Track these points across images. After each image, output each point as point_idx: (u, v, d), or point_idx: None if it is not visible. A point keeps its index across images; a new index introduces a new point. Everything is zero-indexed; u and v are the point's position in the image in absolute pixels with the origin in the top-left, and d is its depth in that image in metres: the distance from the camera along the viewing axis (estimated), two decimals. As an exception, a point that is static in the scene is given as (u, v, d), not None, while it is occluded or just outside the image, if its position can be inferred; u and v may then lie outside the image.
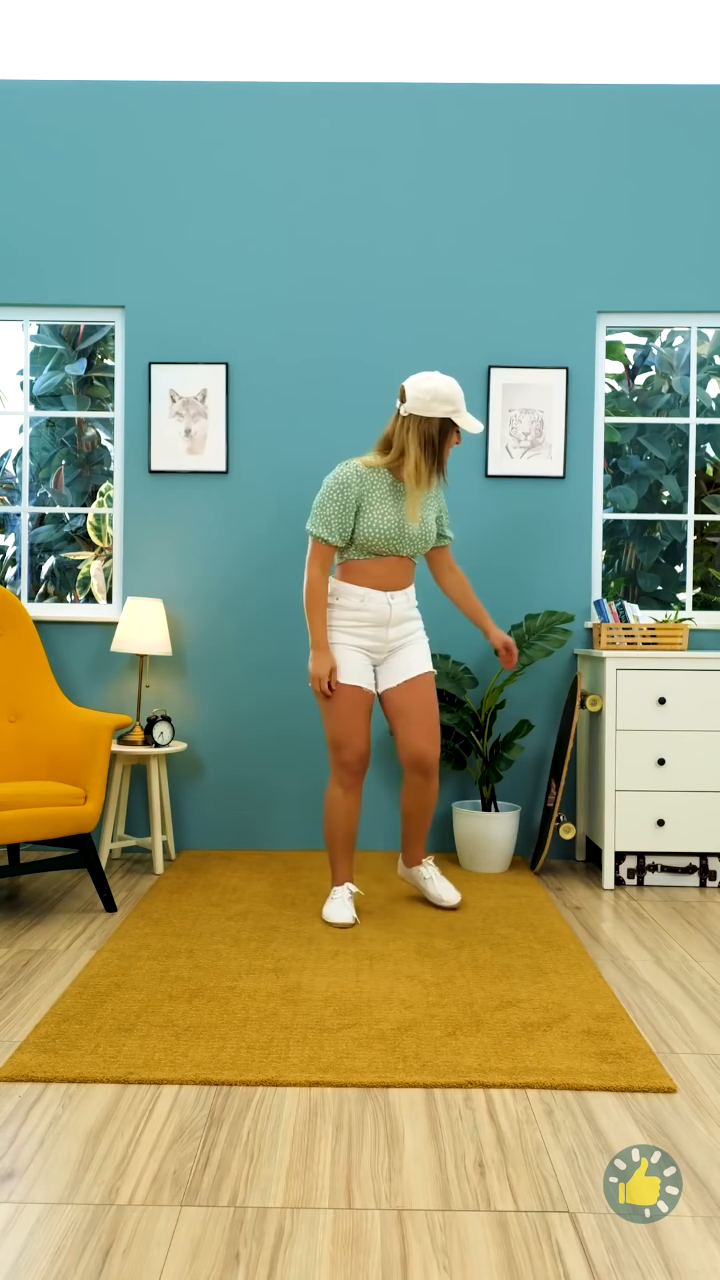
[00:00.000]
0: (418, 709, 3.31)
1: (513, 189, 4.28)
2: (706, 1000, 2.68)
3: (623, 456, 9.73)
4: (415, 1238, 1.63)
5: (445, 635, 4.31)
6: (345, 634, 3.27)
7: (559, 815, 3.91)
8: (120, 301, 4.30)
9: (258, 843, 4.32)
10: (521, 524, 4.29)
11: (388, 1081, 2.15)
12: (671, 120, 4.26)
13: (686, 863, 3.85)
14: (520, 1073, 2.19)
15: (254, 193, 4.29)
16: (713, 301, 4.28)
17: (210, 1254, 1.58)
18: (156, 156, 4.29)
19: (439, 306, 4.28)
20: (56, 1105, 2.05)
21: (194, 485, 4.31)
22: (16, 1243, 1.60)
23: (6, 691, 3.74)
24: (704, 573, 9.50)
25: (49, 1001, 2.59)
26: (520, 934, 3.18)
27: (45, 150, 4.28)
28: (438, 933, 3.18)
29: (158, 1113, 2.02)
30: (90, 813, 3.34)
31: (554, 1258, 1.58)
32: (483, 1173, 1.82)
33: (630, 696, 3.80)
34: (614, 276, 4.29)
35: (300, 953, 2.97)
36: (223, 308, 4.29)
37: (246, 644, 4.30)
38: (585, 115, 4.27)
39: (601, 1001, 2.62)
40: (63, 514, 10.36)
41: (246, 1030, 2.40)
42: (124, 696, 4.31)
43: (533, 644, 3.97)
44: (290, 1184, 1.78)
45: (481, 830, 3.92)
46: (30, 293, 4.30)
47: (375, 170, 4.28)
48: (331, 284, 4.29)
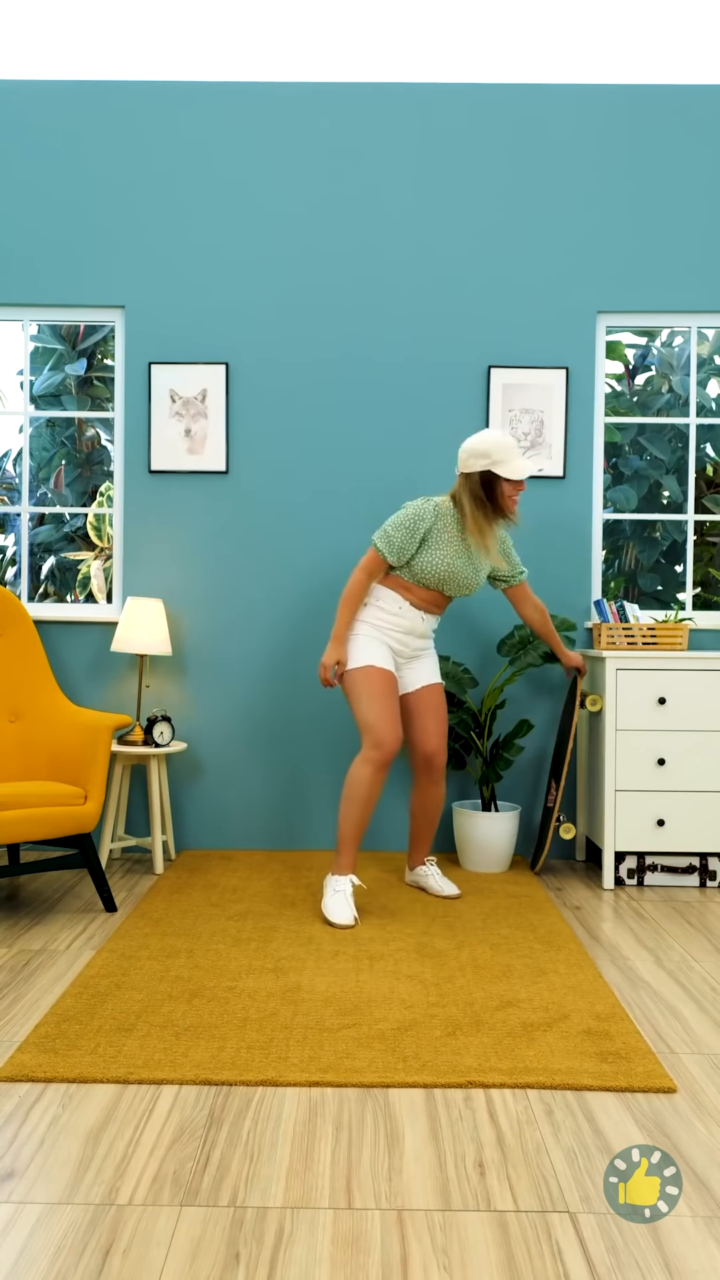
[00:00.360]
0: (434, 711, 3.53)
1: (513, 189, 4.28)
2: (706, 1000, 2.68)
3: (623, 456, 9.73)
4: (415, 1238, 1.63)
5: (445, 635, 4.31)
6: (375, 629, 3.43)
7: (559, 815, 3.92)
8: (120, 301, 4.30)
9: (258, 843, 4.32)
10: (521, 524, 4.29)
11: (388, 1081, 2.15)
12: (672, 120, 4.26)
13: (686, 863, 3.85)
14: (520, 1073, 2.19)
15: (254, 193, 4.29)
16: (713, 301, 4.28)
17: (210, 1254, 1.58)
18: (156, 156, 4.29)
19: (439, 306, 4.28)
20: (56, 1105, 2.05)
21: (194, 485, 4.31)
22: (16, 1243, 1.60)
23: (6, 691, 3.74)
24: (704, 573, 9.50)
25: (49, 1001, 2.59)
26: (520, 934, 3.18)
27: (44, 150, 4.28)
28: (438, 933, 3.18)
29: (158, 1113, 2.02)
30: (90, 813, 3.34)
31: (554, 1258, 1.58)
32: (483, 1173, 1.82)
33: (630, 696, 3.80)
34: (614, 276, 4.29)
35: (300, 953, 2.97)
36: (223, 308, 4.29)
37: (246, 644, 4.30)
38: (585, 115, 4.27)
39: (601, 1001, 2.62)
40: (63, 514, 10.36)
41: (246, 1030, 2.40)
42: (124, 696, 4.31)
43: (538, 645, 3.97)
44: (290, 1184, 1.77)
45: (481, 830, 3.93)
46: (30, 293, 4.30)
47: (375, 170, 4.28)
48: (332, 284, 4.29)
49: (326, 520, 4.29)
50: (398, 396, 4.28)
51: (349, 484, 4.29)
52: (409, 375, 4.29)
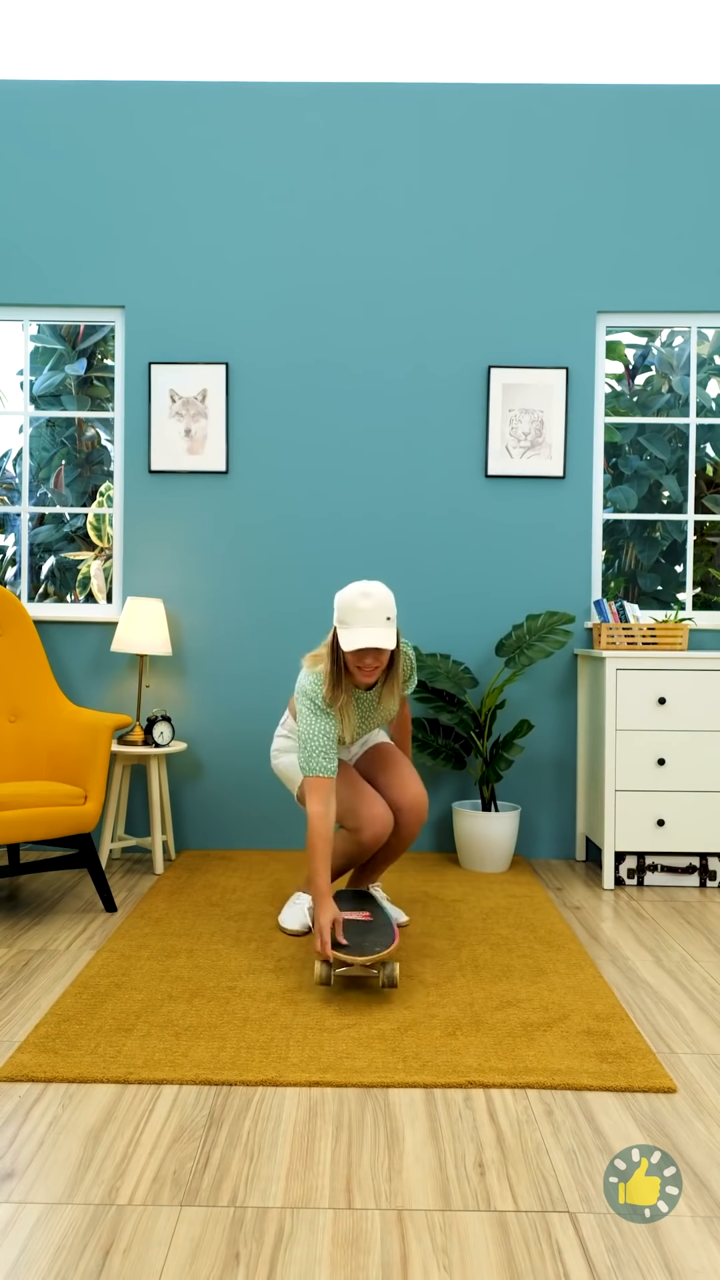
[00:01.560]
0: (396, 758, 3.14)
1: (512, 189, 4.28)
2: (706, 1000, 2.68)
3: (623, 456, 9.73)
4: (415, 1238, 1.63)
5: (446, 635, 4.31)
6: None
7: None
8: (120, 301, 4.30)
9: (258, 843, 4.32)
10: (521, 524, 4.29)
11: (388, 1081, 2.15)
12: (671, 120, 4.26)
13: (686, 863, 3.85)
14: (520, 1073, 2.19)
15: (254, 193, 4.29)
16: (712, 301, 4.28)
17: (210, 1254, 1.58)
18: (156, 156, 4.29)
19: (439, 306, 4.28)
20: (56, 1105, 2.05)
21: (194, 485, 4.31)
22: (16, 1243, 1.60)
23: (6, 691, 3.73)
24: (704, 573, 9.50)
25: (49, 1001, 2.59)
26: (520, 934, 3.18)
27: (45, 150, 4.28)
28: (438, 933, 3.17)
29: (158, 1113, 2.02)
30: (90, 813, 3.34)
31: (554, 1258, 1.58)
32: (483, 1173, 1.82)
33: (630, 696, 3.80)
34: (614, 276, 4.29)
35: (300, 953, 2.97)
36: (223, 308, 4.29)
37: (246, 644, 4.30)
38: (584, 115, 4.27)
39: (601, 1001, 2.62)
40: (63, 514, 10.37)
41: (246, 1030, 2.40)
42: (124, 696, 4.31)
43: (533, 644, 3.97)
44: (290, 1184, 1.77)
45: (481, 830, 3.92)
46: (30, 292, 4.30)
47: (375, 170, 4.28)
48: (331, 284, 4.29)
49: (326, 520, 4.29)
50: (398, 396, 4.28)
51: (349, 484, 4.29)
52: (409, 375, 4.29)
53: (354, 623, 2.76)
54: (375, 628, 2.76)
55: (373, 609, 2.76)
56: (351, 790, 2.99)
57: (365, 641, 2.73)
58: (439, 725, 4.13)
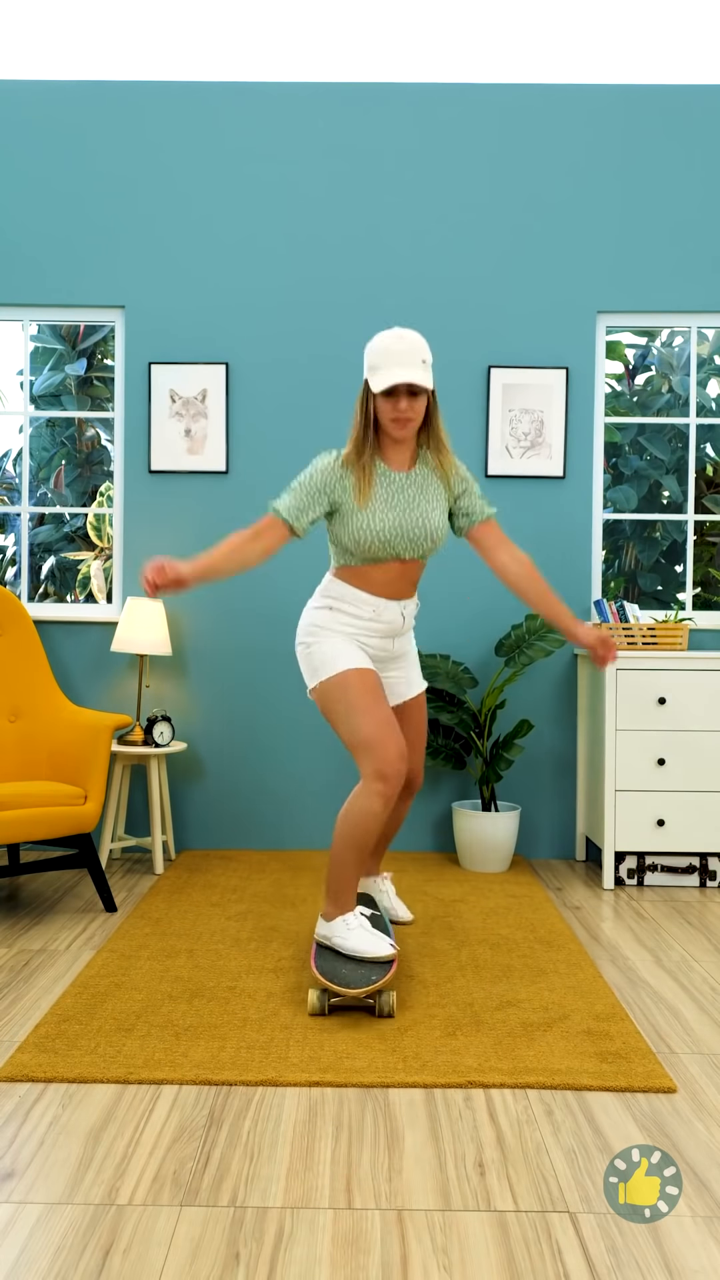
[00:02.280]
0: (415, 730, 2.97)
1: (512, 189, 4.28)
2: (706, 1000, 2.68)
3: (623, 456, 9.73)
4: (415, 1238, 1.63)
5: (446, 635, 4.31)
6: (347, 631, 2.73)
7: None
8: (120, 301, 4.30)
9: (258, 843, 4.31)
10: (522, 524, 4.29)
11: (388, 1081, 2.15)
12: (671, 120, 4.26)
13: (686, 863, 3.85)
14: (520, 1073, 2.19)
15: (254, 193, 4.29)
16: (712, 301, 4.28)
17: (210, 1254, 1.58)
18: (156, 156, 4.29)
19: (439, 306, 4.28)
20: (56, 1105, 2.05)
21: (194, 485, 4.31)
22: (16, 1243, 1.60)
23: (6, 691, 3.74)
24: (704, 573, 9.50)
25: (49, 1001, 2.59)
26: (520, 934, 3.18)
27: (45, 150, 4.28)
28: (438, 933, 3.17)
29: (158, 1113, 2.02)
30: (90, 813, 3.34)
31: (554, 1258, 1.58)
32: (483, 1173, 1.82)
33: (630, 696, 3.80)
34: (613, 276, 4.29)
35: (300, 953, 2.97)
36: (223, 308, 4.29)
37: (246, 644, 4.30)
38: (585, 115, 4.27)
39: (601, 1001, 2.62)
40: (63, 514, 10.36)
41: (246, 1030, 2.40)
42: (124, 696, 4.31)
43: (533, 644, 3.97)
44: (290, 1184, 1.77)
45: (481, 830, 3.93)
46: (30, 292, 4.30)
47: (374, 170, 4.28)
48: (331, 284, 4.29)
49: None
50: (398, 396, 4.28)
51: (349, 484, 4.29)
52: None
53: (386, 365, 2.55)
54: (410, 367, 2.55)
55: (407, 351, 2.55)
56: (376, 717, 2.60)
57: (399, 378, 2.51)
58: (439, 725, 4.13)
